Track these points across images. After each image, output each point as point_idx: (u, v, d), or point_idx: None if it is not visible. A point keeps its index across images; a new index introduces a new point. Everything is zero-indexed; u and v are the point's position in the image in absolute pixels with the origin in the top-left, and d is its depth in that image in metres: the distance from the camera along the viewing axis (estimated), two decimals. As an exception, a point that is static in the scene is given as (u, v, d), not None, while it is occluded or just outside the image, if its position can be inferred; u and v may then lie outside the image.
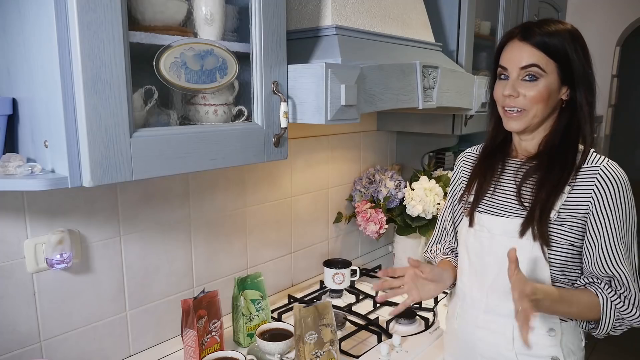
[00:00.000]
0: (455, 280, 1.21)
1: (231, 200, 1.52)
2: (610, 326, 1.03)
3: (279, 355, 1.22)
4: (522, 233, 1.04)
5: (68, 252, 1.12)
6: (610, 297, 1.02)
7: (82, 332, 1.21)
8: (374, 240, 2.06)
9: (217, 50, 1.01)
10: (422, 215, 1.81)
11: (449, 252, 1.29)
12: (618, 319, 1.03)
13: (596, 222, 1.01)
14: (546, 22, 1.03)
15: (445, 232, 1.33)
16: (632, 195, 1.02)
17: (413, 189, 1.85)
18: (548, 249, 1.02)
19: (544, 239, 1.02)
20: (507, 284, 1.04)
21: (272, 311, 1.54)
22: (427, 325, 1.50)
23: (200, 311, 1.20)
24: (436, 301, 1.63)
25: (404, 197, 1.85)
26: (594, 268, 1.03)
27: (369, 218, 1.83)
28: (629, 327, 1.04)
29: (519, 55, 1.01)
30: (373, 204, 1.88)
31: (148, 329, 1.35)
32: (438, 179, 1.92)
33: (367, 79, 1.17)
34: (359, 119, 1.16)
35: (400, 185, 1.89)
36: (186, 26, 1.02)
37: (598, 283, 1.04)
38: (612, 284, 1.03)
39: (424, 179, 1.85)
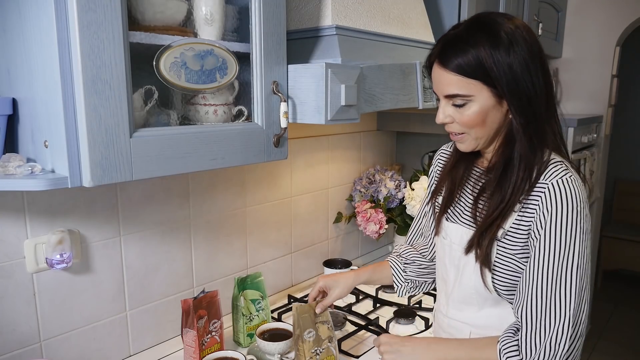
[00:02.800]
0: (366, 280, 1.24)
1: (231, 200, 1.52)
2: None
3: (279, 355, 1.22)
4: (467, 251, 0.97)
5: (68, 252, 1.12)
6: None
7: (82, 332, 1.21)
8: (374, 240, 2.06)
9: (217, 50, 1.01)
10: (422, 215, 1.81)
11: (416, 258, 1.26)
12: None
13: (531, 246, 0.89)
14: (464, 33, 0.90)
15: (419, 230, 1.28)
16: (579, 220, 0.86)
17: (413, 189, 1.85)
18: (492, 274, 0.94)
19: (484, 262, 0.93)
20: (462, 295, 1.03)
21: (272, 311, 1.54)
22: (427, 325, 1.50)
23: (200, 311, 1.20)
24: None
25: (404, 197, 1.85)
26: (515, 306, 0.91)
27: (369, 218, 1.83)
28: None
29: (441, 84, 0.93)
30: (373, 204, 1.88)
31: (148, 329, 1.35)
32: (438, 179, 1.92)
33: (367, 79, 1.17)
34: (359, 119, 1.16)
35: (400, 185, 1.89)
36: (186, 26, 1.02)
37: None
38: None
39: (424, 179, 1.85)
